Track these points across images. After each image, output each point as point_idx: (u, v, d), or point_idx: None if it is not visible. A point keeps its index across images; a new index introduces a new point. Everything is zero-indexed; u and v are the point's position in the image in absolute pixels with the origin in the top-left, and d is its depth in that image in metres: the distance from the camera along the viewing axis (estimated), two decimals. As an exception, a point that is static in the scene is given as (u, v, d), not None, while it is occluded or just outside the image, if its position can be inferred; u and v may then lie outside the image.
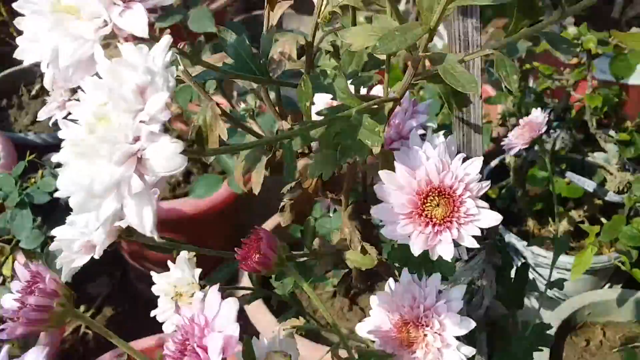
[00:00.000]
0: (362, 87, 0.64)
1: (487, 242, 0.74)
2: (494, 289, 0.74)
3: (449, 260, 0.60)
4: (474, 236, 0.52)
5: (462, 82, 0.49)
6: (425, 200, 0.53)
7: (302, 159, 0.64)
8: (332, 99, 0.55)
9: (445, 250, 0.52)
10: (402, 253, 0.63)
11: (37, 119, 0.61)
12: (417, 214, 0.53)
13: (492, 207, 0.52)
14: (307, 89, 0.48)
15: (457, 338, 0.58)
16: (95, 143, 0.38)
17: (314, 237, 0.65)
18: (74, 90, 0.62)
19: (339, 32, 0.54)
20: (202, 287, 0.72)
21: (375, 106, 0.55)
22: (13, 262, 1.23)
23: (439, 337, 0.58)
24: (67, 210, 1.25)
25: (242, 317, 1.00)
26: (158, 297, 0.73)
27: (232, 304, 0.49)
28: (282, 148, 0.54)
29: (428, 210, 0.53)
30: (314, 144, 0.67)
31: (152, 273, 0.75)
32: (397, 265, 0.66)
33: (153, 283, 0.71)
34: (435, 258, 0.53)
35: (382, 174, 0.53)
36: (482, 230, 0.59)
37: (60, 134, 0.41)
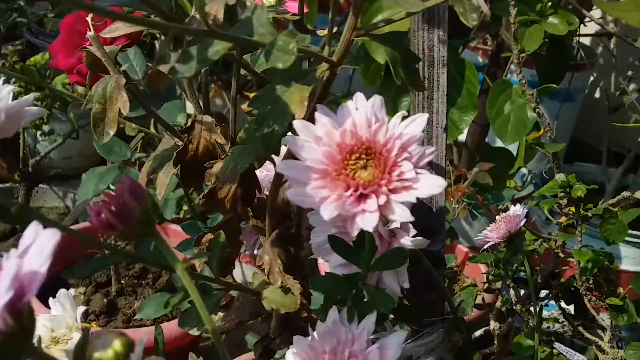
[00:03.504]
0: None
1: (447, 317, 0.56)
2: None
3: (390, 287, 0.44)
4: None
5: (402, 1, 0.37)
6: (348, 157, 0.38)
7: (219, 162, 0.50)
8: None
9: (366, 221, 0.36)
10: (330, 283, 0.47)
11: None
12: (336, 173, 0.38)
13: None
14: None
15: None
16: None
17: (223, 254, 0.48)
18: None
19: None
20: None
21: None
22: None
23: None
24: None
25: None
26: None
27: (50, 236, 0.32)
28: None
29: (351, 170, 0.38)
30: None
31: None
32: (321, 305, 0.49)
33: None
34: (354, 233, 0.37)
35: (297, 123, 0.39)
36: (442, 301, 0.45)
37: None
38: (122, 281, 1.40)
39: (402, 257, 0.45)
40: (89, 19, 0.66)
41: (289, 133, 0.45)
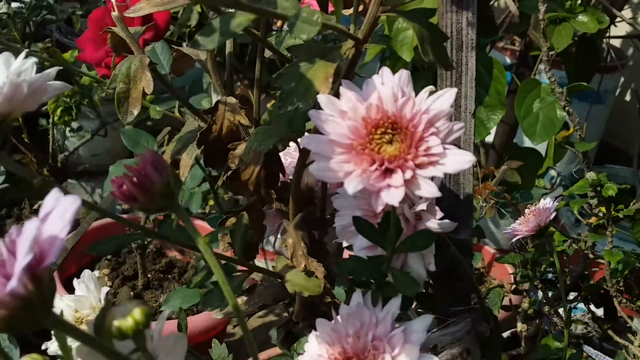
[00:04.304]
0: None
1: (474, 307, 0.55)
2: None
3: (416, 270, 0.43)
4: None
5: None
6: (373, 132, 0.37)
7: (242, 144, 0.50)
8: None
9: (392, 196, 0.35)
10: (354, 265, 0.46)
11: None
12: (361, 147, 0.37)
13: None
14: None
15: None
16: None
17: (246, 235, 0.48)
18: None
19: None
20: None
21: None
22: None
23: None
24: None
25: None
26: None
27: (70, 202, 0.32)
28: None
29: (377, 145, 0.37)
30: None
31: (57, 295, 0.58)
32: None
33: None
34: (379, 208, 0.36)
35: (321, 97, 0.38)
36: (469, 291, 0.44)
37: None
38: (149, 275, 1.41)
39: (428, 238, 0.43)
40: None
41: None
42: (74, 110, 1.44)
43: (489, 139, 1.53)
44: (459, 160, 0.36)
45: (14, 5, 1.27)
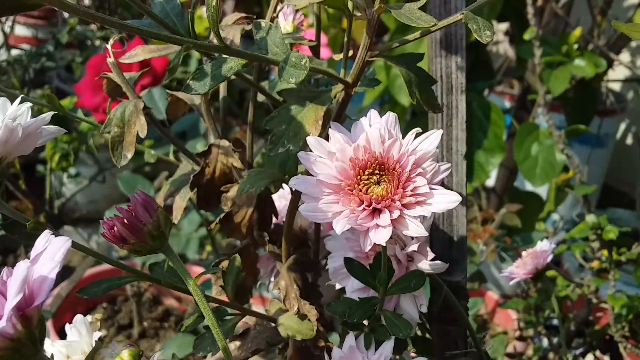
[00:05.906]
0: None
1: (470, 351, 0.55)
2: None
3: (408, 312, 0.44)
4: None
5: (415, 19, 0.38)
6: (361, 173, 0.38)
7: (235, 186, 0.51)
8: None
9: (379, 236, 0.36)
10: (346, 306, 0.46)
11: None
12: (349, 188, 0.38)
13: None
14: None
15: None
16: None
17: (238, 278, 0.48)
18: None
19: (286, -1, 0.45)
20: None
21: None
22: None
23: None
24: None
25: None
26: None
27: (61, 243, 0.33)
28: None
29: (364, 185, 0.38)
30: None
31: (47, 340, 0.58)
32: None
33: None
34: (367, 248, 0.37)
35: (310, 139, 0.40)
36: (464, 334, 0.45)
37: None
38: (145, 323, 1.40)
39: (420, 279, 0.44)
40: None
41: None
42: (71, 157, 1.45)
43: (490, 182, 1.54)
44: (446, 200, 0.37)
45: (14, 52, 1.31)
